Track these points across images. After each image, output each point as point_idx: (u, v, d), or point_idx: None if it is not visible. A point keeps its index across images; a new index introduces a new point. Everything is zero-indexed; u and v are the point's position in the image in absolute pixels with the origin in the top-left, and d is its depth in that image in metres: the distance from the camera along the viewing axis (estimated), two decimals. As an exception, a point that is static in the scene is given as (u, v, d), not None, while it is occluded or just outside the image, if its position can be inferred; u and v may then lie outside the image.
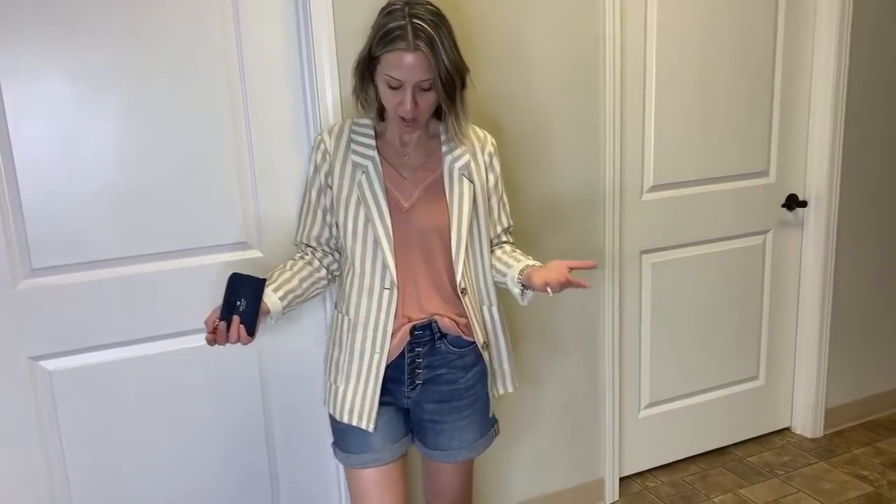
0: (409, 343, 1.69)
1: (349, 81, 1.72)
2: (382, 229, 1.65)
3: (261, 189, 1.97)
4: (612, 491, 2.66)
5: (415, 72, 1.49)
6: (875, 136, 2.93)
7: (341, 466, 2.15)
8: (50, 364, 1.84)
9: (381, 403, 1.71)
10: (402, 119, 1.57)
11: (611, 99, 2.37)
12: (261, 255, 2.00)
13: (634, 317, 2.65)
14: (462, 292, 1.71)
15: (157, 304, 1.91)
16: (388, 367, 1.69)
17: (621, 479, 2.73)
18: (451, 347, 1.72)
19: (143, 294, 1.89)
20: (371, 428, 1.69)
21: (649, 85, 2.50)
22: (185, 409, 1.99)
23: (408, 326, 1.68)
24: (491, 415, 1.84)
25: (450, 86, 1.53)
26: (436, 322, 1.70)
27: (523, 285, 1.70)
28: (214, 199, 1.93)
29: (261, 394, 2.07)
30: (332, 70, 1.93)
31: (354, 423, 1.71)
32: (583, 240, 2.43)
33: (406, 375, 1.71)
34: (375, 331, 1.69)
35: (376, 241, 1.66)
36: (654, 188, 2.58)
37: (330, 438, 1.86)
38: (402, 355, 1.69)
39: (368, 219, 1.66)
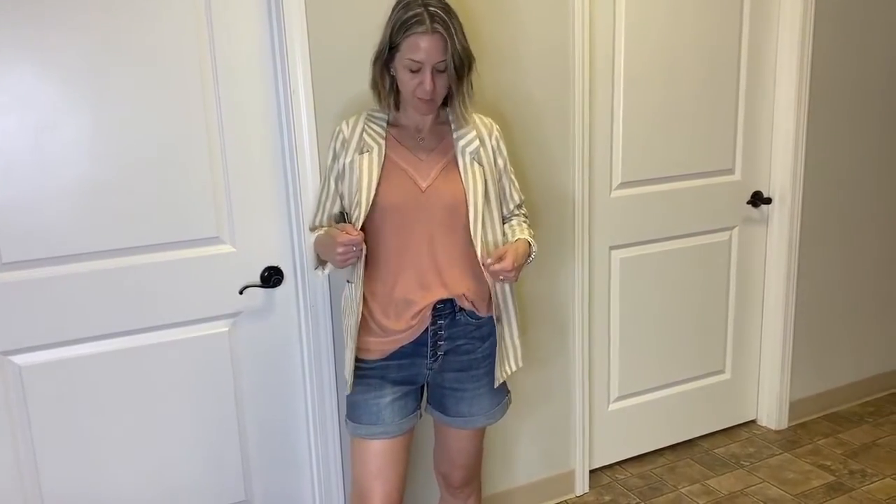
0: (432, 316, 1.77)
1: (320, 74, 1.82)
2: (363, 211, 1.71)
3: (233, 184, 1.98)
4: (582, 483, 2.70)
5: (433, 53, 1.65)
6: (837, 134, 3.00)
7: (313, 454, 2.18)
8: (20, 359, 1.83)
9: (396, 382, 1.80)
10: (421, 100, 1.71)
11: (580, 98, 2.41)
12: (233, 250, 2.00)
13: (603, 312, 2.70)
14: (484, 266, 1.77)
15: (128, 299, 1.91)
16: (408, 343, 1.77)
17: (591, 472, 2.77)
18: (470, 319, 1.81)
19: (113, 289, 1.89)
20: (349, 389, 1.80)
21: (617, 84, 2.54)
22: (157, 402, 1.99)
23: (430, 303, 1.75)
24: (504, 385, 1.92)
25: (460, 68, 1.68)
26: (455, 297, 1.78)
27: None
28: (186, 195, 1.93)
29: (233, 385, 2.08)
30: (305, 64, 1.95)
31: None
32: (553, 235, 2.46)
33: (429, 348, 1.79)
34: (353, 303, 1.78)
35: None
36: (623, 185, 2.63)
37: (302, 425, 1.84)
38: (425, 329, 1.77)
39: (357, 195, 1.73)
